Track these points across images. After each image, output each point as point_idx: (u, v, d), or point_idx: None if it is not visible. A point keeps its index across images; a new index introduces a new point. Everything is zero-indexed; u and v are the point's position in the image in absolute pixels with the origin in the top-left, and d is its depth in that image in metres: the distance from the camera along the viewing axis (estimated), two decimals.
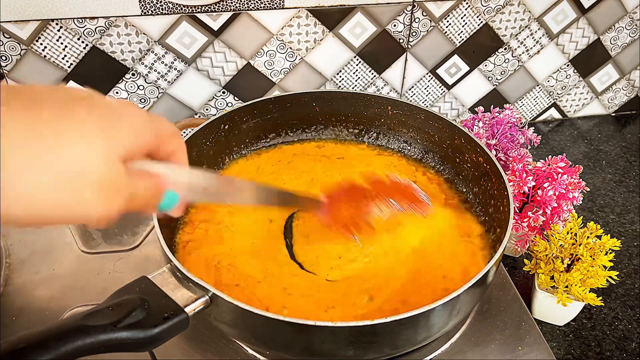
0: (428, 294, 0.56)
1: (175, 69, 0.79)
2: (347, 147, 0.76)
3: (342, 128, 0.77)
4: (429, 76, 0.88)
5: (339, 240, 0.60)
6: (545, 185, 0.63)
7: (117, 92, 0.79)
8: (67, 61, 0.74)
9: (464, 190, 0.69)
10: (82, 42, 0.73)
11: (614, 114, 1.02)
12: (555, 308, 0.61)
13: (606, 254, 0.59)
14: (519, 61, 0.90)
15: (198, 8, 0.73)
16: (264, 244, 0.61)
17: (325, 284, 0.57)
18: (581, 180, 0.64)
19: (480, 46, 0.86)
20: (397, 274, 0.58)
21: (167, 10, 0.73)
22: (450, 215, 0.65)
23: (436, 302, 0.45)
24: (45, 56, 0.73)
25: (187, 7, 0.73)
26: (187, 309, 0.44)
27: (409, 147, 0.75)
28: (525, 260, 0.64)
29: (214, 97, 0.83)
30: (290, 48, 0.80)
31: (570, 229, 0.61)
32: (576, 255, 0.60)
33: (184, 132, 0.75)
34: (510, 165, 0.66)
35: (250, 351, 0.56)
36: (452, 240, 0.62)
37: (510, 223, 0.54)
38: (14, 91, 0.25)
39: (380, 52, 0.84)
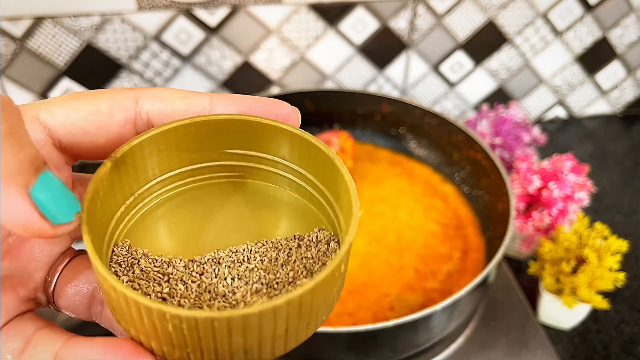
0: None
1: (171, 66, 0.77)
2: None
3: (337, 127, 0.76)
4: (432, 73, 0.87)
5: None
6: (551, 185, 0.61)
7: None
8: (63, 59, 0.73)
9: (464, 187, 0.68)
10: (78, 39, 0.72)
11: (620, 113, 1.01)
12: (561, 311, 0.59)
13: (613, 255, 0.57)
14: (523, 58, 0.88)
15: (197, 5, 0.72)
16: None
17: None
18: (588, 180, 0.62)
19: (485, 43, 0.85)
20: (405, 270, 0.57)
21: (164, 1, 0.71)
22: (449, 214, 0.64)
23: (436, 305, 0.45)
24: (40, 54, 0.72)
25: (184, 4, 0.72)
26: None
27: (406, 145, 0.74)
28: (531, 262, 0.62)
29: None
30: (290, 44, 0.79)
31: (576, 230, 0.59)
32: (582, 256, 0.58)
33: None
34: (515, 164, 0.65)
35: None
36: (450, 238, 0.61)
37: (512, 221, 0.53)
38: None
39: (382, 48, 0.82)
